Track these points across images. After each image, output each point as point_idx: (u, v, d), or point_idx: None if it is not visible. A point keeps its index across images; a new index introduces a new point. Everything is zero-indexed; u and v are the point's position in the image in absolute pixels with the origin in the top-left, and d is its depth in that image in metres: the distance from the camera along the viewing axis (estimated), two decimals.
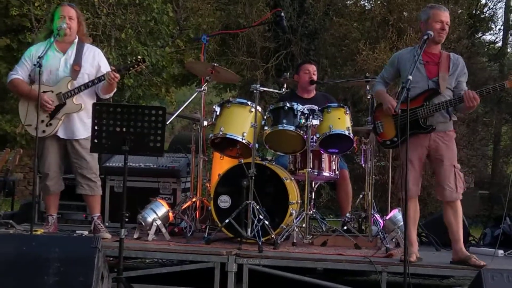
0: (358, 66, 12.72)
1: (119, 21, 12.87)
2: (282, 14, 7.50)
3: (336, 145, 6.02)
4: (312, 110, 6.09)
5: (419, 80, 5.16)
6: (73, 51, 5.88)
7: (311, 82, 6.88)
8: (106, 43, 12.60)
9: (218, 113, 6.00)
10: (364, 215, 6.21)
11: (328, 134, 5.89)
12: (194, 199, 6.18)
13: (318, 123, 5.92)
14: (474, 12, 16.69)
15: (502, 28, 18.60)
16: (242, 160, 5.91)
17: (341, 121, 5.96)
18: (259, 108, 5.93)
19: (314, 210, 6.13)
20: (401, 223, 5.67)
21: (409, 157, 5.00)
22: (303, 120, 5.87)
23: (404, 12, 13.36)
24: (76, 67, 5.82)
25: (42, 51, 5.58)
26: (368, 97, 6.21)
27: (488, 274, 4.50)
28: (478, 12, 17.25)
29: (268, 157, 6.49)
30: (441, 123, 5.21)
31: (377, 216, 6.13)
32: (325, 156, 6.15)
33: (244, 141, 5.86)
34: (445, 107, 5.15)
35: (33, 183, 5.67)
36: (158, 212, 5.87)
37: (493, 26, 18.47)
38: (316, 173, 6.12)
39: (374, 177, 6.19)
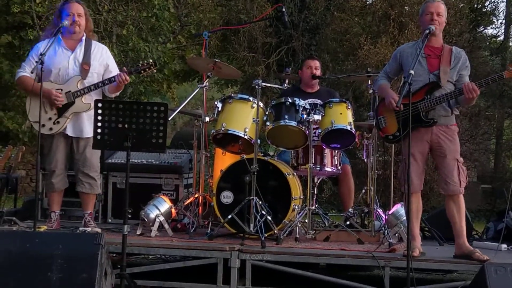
0: (360, 61, 12.70)
1: (120, 17, 12.87)
2: (284, 9, 7.51)
3: (338, 140, 6.02)
4: (315, 104, 6.08)
5: (420, 73, 5.16)
6: (81, 49, 5.88)
7: (313, 77, 6.89)
8: (108, 39, 12.60)
9: (220, 109, 6.00)
10: (366, 210, 6.21)
11: (330, 129, 5.90)
12: (196, 195, 6.18)
13: (320, 118, 5.92)
14: (475, 6, 16.63)
15: (503, 22, 18.53)
16: (244, 156, 5.92)
17: (343, 116, 5.96)
18: (261, 104, 5.92)
19: (316, 206, 6.13)
20: (404, 217, 5.67)
21: (411, 151, 5.02)
22: (305, 115, 5.87)
23: (406, 7, 13.32)
24: (86, 66, 5.82)
25: (50, 47, 5.58)
26: (370, 92, 6.21)
27: (491, 268, 4.51)
28: (480, 6, 17.18)
29: (270, 153, 6.50)
30: (443, 117, 5.21)
31: (380, 211, 6.13)
32: (327, 151, 6.15)
33: (246, 137, 5.86)
34: (446, 100, 5.15)
35: (36, 180, 5.67)
36: (160, 208, 5.87)
37: (494, 20, 18.39)
38: (318, 168, 6.12)
39: (376, 172, 6.19)
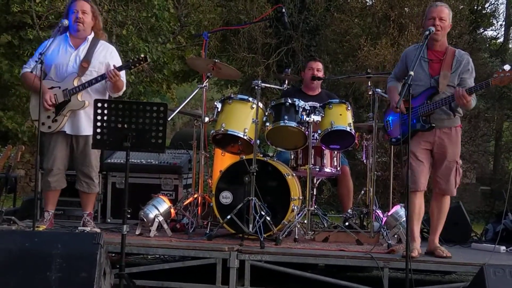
0: (360, 62, 12.71)
1: (120, 17, 12.86)
2: (284, 10, 7.52)
3: (337, 141, 6.03)
4: (314, 107, 6.09)
5: (422, 78, 5.22)
6: (85, 47, 5.86)
7: (312, 78, 6.90)
8: (107, 39, 12.59)
9: (219, 109, 6.00)
10: (365, 211, 6.23)
11: (329, 130, 5.90)
12: (195, 195, 6.18)
13: (320, 119, 5.92)
14: (475, 7, 16.66)
15: (503, 23, 18.56)
16: (244, 156, 5.93)
17: (343, 117, 5.97)
18: (260, 104, 5.93)
19: (315, 206, 6.13)
20: (403, 219, 5.67)
21: (416, 152, 5.15)
22: (305, 116, 5.87)
23: (406, 8, 13.32)
24: (85, 64, 5.79)
25: (57, 44, 5.57)
26: (370, 93, 6.21)
27: (490, 269, 4.50)
28: (480, 7, 17.21)
29: (270, 153, 6.50)
30: (446, 120, 5.25)
31: (379, 212, 6.13)
32: (326, 152, 6.16)
33: (245, 137, 5.86)
34: (443, 104, 5.17)
35: (35, 180, 5.66)
36: (160, 208, 5.87)
37: (494, 22, 18.43)
38: (317, 169, 6.13)
39: (375, 173, 6.19)
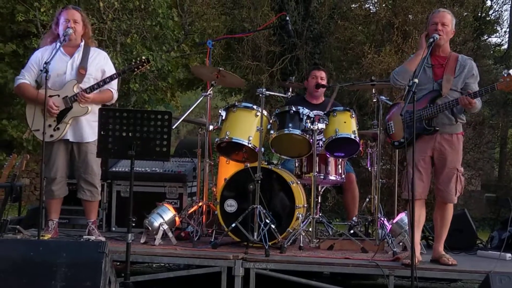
0: (364, 69, 12.70)
1: (124, 26, 12.89)
2: (287, 18, 7.51)
3: (342, 148, 6.02)
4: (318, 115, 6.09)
5: (425, 82, 5.24)
6: (79, 55, 5.88)
7: (316, 86, 6.90)
8: (112, 48, 12.63)
9: (223, 117, 6.00)
10: (370, 218, 6.21)
11: (334, 137, 5.90)
12: (200, 204, 6.18)
13: (324, 126, 5.92)
14: (479, 14, 16.65)
15: (507, 30, 18.56)
16: (248, 164, 5.92)
17: (347, 125, 5.97)
18: (264, 112, 5.93)
19: (320, 214, 6.13)
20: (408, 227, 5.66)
21: (416, 161, 5.07)
22: (309, 124, 5.87)
23: (410, 15, 13.32)
24: (82, 71, 5.82)
25: (48, 55, 5.58)
26: (374, 100, 6.20)
27: (496, 277, 4.49)
28: (484, 14, 17.22)
29: (274, 161, 6.49)
30: (447, 125, 5.24)
31: (384, 219, 6.12)
32: (331, 160, 6.15)
33: (250, 145, 5.86)
34: (447, 108, 5.18)
35: (40, 188, 5.67)
36: (164, 216, 5.87)
37: (498, 28, 18.45)
38: (322, 177, 6.11)
39: (380, 180, 6.18)
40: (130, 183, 4.74)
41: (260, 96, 5.89)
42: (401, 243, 5.82)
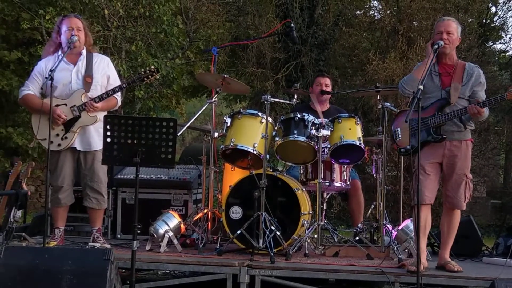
0: (368, 76, 12.72)
1: (129, 33, 12.91)
2: (292, 25, 7.51)
3: (347, 155, 6.02)
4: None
5: (433, 90, 5.25)
6: (83, 63, 5.87)
7: (321, 92, 6.89)
8: (117, 55, 12.64)
9: (228, 124, 6.01)
10: (376, 225, 6.19)
11: (339, 144, 5.90)
12: (205, 211, 6.18)
13: (329, 133, 5.92)
14: (484, 21, 16.67)
15: None
16: (253, 171, 5.92)
17: (352, 131, 5.97)
18: (269, 119, 5.93)
19: (325, 221, 6.11)
20: (414, 233, 5.65)
21: (424, 165, 5.16)
22: (314, 131, 5.87)
23: (414, 22, 13.35)
24: (88, 79, 5.82)
25: (53, 64, 5.59)
26: (379, 107, 6.20)
27: (501, 284, 4.49)
28: (488, 21, 17.23)
29: (279, 168, 6.50)
30: (456, 132, 5.25)
31: (389, 226, 6.10)
32: (336, 167, 6.14)
33: (255, 152, 5.86)
34: (455, 117, 5.18)
35: (45, 196, 5.67)
36: (170, 223, 5.88)
37: (503, 35, 18.45)
38: (327, 184, 6.11)
39: (385, 187, 6.17)
40: (135, 190, 4.74)
41: (265, 103, 5.89)
42: (406, 250, 5.82)
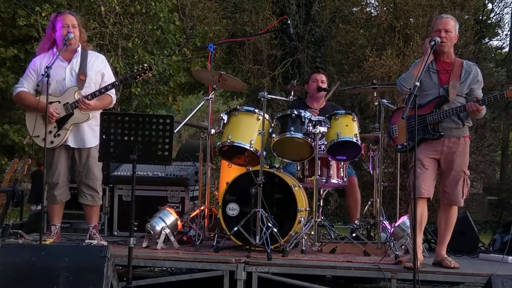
0: (365, 72, 12.74)
1: (126, 30, 12.91)
2: (289, 21, 7.52)
3: (344, 152, 6.02)
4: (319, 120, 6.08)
5: (431, 87, 5.27)
6: (77, 60, 5.85)
7: (318, 89, 6.89)
8: (113, 52, 12.64)
9: (225, 121, 6.00)
10: (372, 222, 6.20)
11: (336, 141, 5.90)
12: (202, 207, 6.17)
13: (326, 130, 5.92)
14: (480, 17, 16.68)
15: (509, 33, 18.57)
16: (250, 168, 5.91)
17: (349, 128, 5.97)
18: (266, 116, 5.93)
19: (322, 217, 6.11)
20: (410, 229, 5.65)
21: (422, 160, 5.16)
22: (311, 127, 5.87)
23: (411, 19, 13.36)
24: (82, 77, 5.80)
25: (48, 61, 5.57)
26: (376, 103, 6.20)
27: (498, 280, 4.49)
28: (485, 17, 17.24)
29: (276, 165, 6.49)
30: (454, 129, 5.26)
31: (386, 222, 6.11)
32: (333, 163, 6.14)
33: (252, 149, 5.86)
34: (453, 114, 5.18)
35: (42, 193, 5.66)
36: (166, 220, 5.87)
37: (499, 31, 18.46)
38: (324, 180, 6.11)
39: (382, 183, 6.18)
40: (132, 187, 4.73)
41: (262, 99, 5.89)
42: (403, 246, 5.82)
